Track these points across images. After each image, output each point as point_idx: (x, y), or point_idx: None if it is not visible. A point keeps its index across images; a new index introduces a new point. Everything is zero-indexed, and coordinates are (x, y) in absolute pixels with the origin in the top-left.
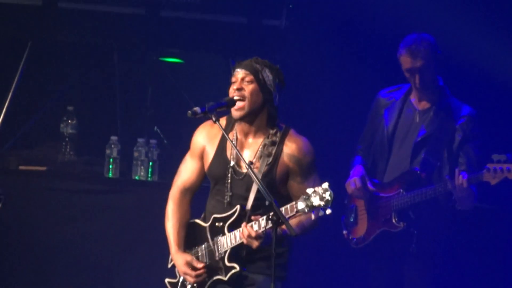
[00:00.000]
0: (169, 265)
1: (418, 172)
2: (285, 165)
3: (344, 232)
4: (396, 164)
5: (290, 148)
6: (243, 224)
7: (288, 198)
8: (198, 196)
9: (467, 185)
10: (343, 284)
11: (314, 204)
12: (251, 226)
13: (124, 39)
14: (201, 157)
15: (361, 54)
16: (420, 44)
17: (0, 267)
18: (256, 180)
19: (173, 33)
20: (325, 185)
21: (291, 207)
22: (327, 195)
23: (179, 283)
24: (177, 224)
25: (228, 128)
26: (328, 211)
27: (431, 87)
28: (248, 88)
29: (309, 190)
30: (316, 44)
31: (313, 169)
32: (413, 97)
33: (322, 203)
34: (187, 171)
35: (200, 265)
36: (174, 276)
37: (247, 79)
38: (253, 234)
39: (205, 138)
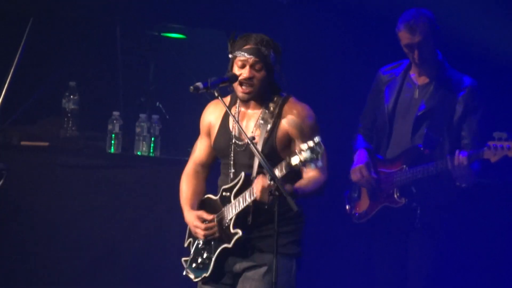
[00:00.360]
0: (186, 243)
1: (421, 148)
2: (285, 130)
3: (347, 207)
4: (397, 140)
5: (288, 112)
6: (259, 176)
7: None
8: (214, 176)
9: (467, 164)
10: (346, 260)
11: (306, 158)
12: (266, 177)
13: (126, 14)
14: (209, 134)
15: (362, 31)
16: (419, 19)
17: (2, 243)
18: (258, 155)
19: (175, 8)
20: (316, 139)
21: (286, 163)
22: (318, 148)
23: (190, 259)
24: (189, 192)
25: (232, 102)
26: (319, 164)
27: (430, 62)
28: (258, 76)
29: (303, 146)
30: (318, 19)
31: (314, 133)
32: (412, 73)
33: (314, 155)
34: (198, 149)
35: (209, 217)
36: (187, 255)
37: (257, 67)
38: (266, 185)
39: (210, 115)
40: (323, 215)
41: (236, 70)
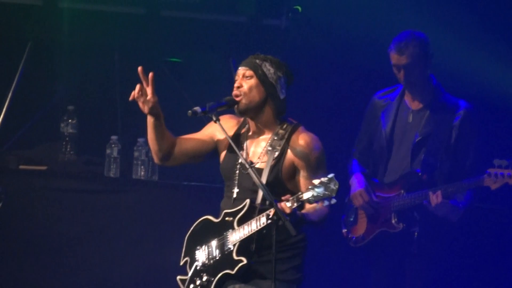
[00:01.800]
0: (181, 262)
1: (419, 173)
2: (292, 160)
3: (344, 230)
4: (396, 165)
5: (297, 143)
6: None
7: None
8: (214, 198)
9: (441, 201)
10: (343, 284)
11: (319, 194)
12: (285, 203)
13: (125, 38)
14: (210, 140)
15: (360, 55)
16: (410, 42)
17: (0, 267)
18: (256, 179)
19: (173, 32)
20: (331, 175)
21: (297, 197)
22: (332, 185)
23: (189, 279)
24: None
25: (243, 125)
26: (333, 201)
27: (420, 86)
28: (248, 84)
29: (316, 181)
30: (316, 44)
31: (321, 165)
32: (407, 98)
33: (327, 192)
34: (187, 135)
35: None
36: (183, 273)
37: (246, 74)
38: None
39: (220, 133)
40: (320, 239)
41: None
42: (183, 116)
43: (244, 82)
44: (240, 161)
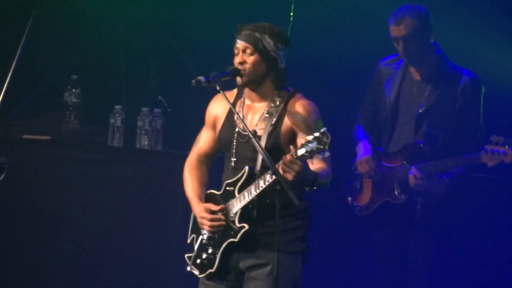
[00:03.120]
0: (189, 240)
1: (421, 145)
2: (290, 124)
3: (349, 198)
4: (399, 136)
5: (294, 107)
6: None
7: None
8: (219, 168)
9: (420, 178)
10: (348, 253)
11: (313, 148)
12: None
13: (129, 8)
14: (214, 126)
15: (364, 22)
16: (408, 14)
17: (4, 237)
18: (260, 149)
19: (177, 3)
20: (323, 129)
21: (291, 155)
22: (324, 138)
23: (194, 254)
24: (195, 182)
25: (239, 95)
26: (327, 154)
27: (422, 58)
28: (250, 60)
29: (309, 137)
30: (324, 14)
31: (319, 127)
32: (412, 67)
33: (320, 146)
34: (202, 140)
35: (217, 208)
36: (191, 251)
37: (248, 51)
38: (288, 158)
39: (217, 108)
40: (325, 207)
41: (234, 59)
42: (187, 85)
43: (246, 57)
44: (237, 130)
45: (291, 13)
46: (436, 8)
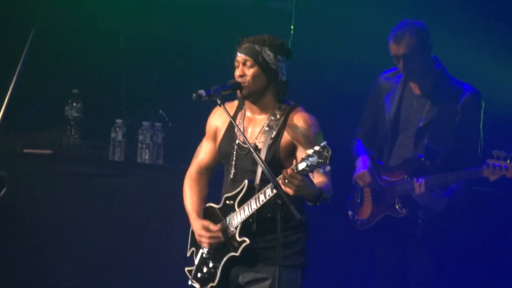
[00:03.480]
0: (188, 253)
1: (422, 159)
2: (290, 138)
3: (350, 213)
4: (399, 150)
5: (294, 120)
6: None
7: None
8: (219, 182)
9: (424, 190)
10: (348, 266)
11: (313, 162)
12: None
13: (129, 22)
14: (215, 138)
15: (367, 38)
16: (407, 31)
17: (4, 251)
18: (260, 162)
19: (179, 15)
20: (323, 143)
21: (291, 169)
22: (325, 152)
23: (195, 268)
24: (194, 197)
25: (239, 107)
26: (328, 168)
27: (420, 74)
28: (249, 72)
29: (309, 151)
30: (324, 27)
31: (320, 140)
32: (411, 82)
33: (321, 160)
34: (202, 152)
35: (215, 228)
36: (191, 264)
37: (247, 63)
38: (289, 172)
39: (217, 119)
40: (326, 220)
41: (235, 72)
42: (188, 99)
43: (246, 70)
44: (237, 142)
45: (292, 26)
46: (436, 22)
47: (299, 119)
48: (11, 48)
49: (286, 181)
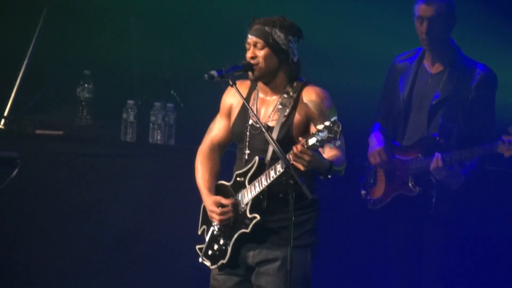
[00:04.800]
0: (199, 231)
1: (437, 138)
2: (303, 113)
3: (362, 192)
4: (413, 129)
5: (307, 95)
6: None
7: None
8: (232, 162)
9: (442, 165)
10: (361, 246)
11: (324, 137)
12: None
13: (141, 2)
14: (229, 115)
15: (381, 18)
16: None
17: (17, 232)
18: (272, 142)
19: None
20: (333, 118)
21: (301, 145)
22: (335, 127)
23: (206, 245)
24: (206, 173)
25: (252, 87)
26: (338, 142)
27: (440, 46)
28: (260, 54)
29: (319, 126)
30: (335, 8)
31: (332, 115)
32: (426, 62)
33: (331, 135)
34: (215, 129)
35: (227, 201)
36: (202, 242)
37: (258, 45)
38: (299, 148)
39: (232, 98)
40: (338, 201)
41: (246, 54)
42: (200, 80)
43: (257, 52)
44: (250, 122)
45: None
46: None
47: (312, 94)
48: (22, 30)
49: (297, 157)
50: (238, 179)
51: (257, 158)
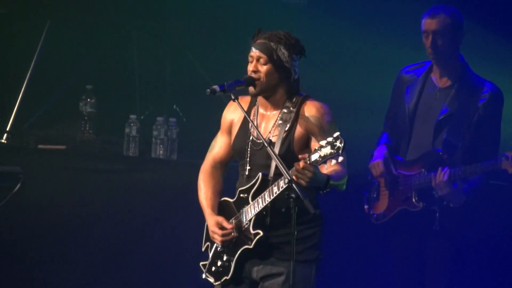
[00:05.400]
0: (203, 248)
1: (440, 153)
2: (304, 128)
3: (366, 206)
4: (418, 142)
5: (307, 111)
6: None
7: None
8: (234, 177)
9: (446, 180)
10: (364, 260)
11: (326, 153)
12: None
13: (143, 17)
14: (230, 132)
15: (382, 30)
16: (443, 9)
17: (19, 246)
18: (275, 157)
19: (191, 11)
20: (336, 134)
21: (304, 161)
22: (338, 143)
23: (209, 262)
24: (209, 192)
25: (252, 103)
26: (340, 158)
27: (447, 60)
28: (263, 69)
29: (322, 142)
30: (337, 21)
31: (333, 130)
32: (434, 75)
33: (333, 151)
34: (217, 146)
35: (229, 226)
36: (206, 259)
37: (261, 60)
38: (301, 165)
39: (232, 113)
40: (342, 214)
41: (248, 66)
42: (202, 94)
43: (260, 66)
44: (251, 138)
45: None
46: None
47: (311, 109)
48: (25, 44)
49: (299, 173)
50: (241, 195)
51: (260, 174)
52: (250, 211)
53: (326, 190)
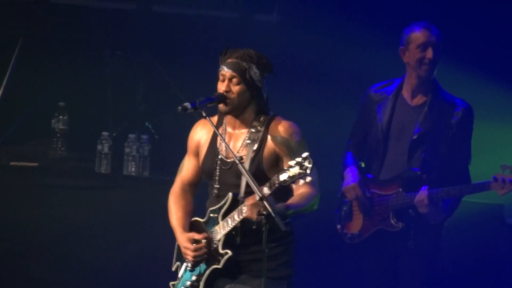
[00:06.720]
0: (173, 267)
1: (418, 172)
2: (272, 148)
3: (338, 226)
4: (392, 161)
5: (275, 131)
6: (252, 196)
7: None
8: (206, 195)
9: (427, 202)
10: (337, 280)
11: (295, 173)
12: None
13: (116, 34)
14: (197, 154)
15: (354, 48)
16: (430, 24)
17: None
18: (246, 174)
19: (164, 28)
20: (305, 154)
21: (273, 180)
22: (306, 163)
23: (179, 282)
24: (179, 212)
25: (219, 122)
26: (308, 179)
27: (428, 75)
28: (235, 89)
29: (291, 162)
30: (309, 38)
31: (302, 149)
32: (405, 92)
33: (302, 171)
34: (185, 169)
35: (200, 236)
36: (176, 279)
37: (234, 80)
38: (256, 202)
39: (199, 134)
40: (314, 231)
41: (219, 84)
42: (174, 112)
43: (232, 86)
44: (219, 157)
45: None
46: None
47: (280, 128)
48: None
49: (248, 210)
50: (211, 215)
51: (230, 194)
52: (220, 231)
53: (286, 218)
